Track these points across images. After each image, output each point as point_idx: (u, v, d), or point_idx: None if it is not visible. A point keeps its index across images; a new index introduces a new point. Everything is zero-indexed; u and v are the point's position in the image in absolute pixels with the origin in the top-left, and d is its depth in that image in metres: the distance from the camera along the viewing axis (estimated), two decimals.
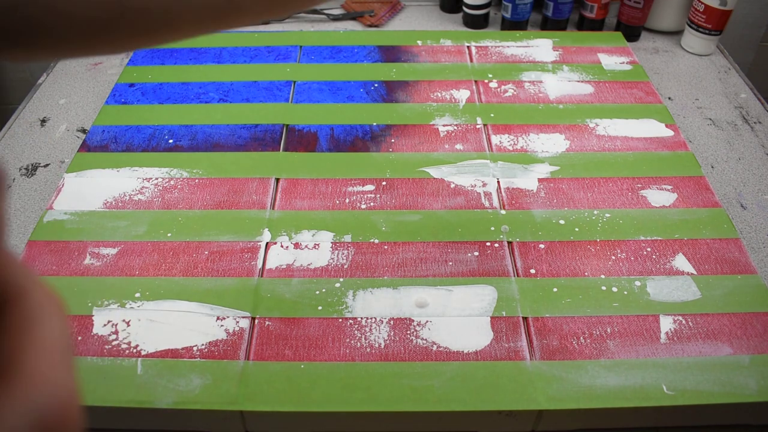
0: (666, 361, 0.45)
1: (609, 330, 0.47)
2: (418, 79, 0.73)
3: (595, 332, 0.47)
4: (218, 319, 0.48)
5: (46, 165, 0.67)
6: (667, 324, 0.47)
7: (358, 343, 0.46)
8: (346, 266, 0.52)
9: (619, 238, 0.54)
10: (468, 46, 0.79)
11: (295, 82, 0.72)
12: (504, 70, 0.74)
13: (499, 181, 0.60)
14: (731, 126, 0.73)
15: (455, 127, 0.66)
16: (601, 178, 0.60)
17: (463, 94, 0.71)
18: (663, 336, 0.47)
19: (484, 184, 0.59)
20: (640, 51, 0.86)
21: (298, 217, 0.56)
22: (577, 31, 0.86)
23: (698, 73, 0.82)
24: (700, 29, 0.82)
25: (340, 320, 0.48)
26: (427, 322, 0.48)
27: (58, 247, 0.53)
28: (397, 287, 0.50)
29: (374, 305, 0.49)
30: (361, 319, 0.48)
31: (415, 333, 0.47)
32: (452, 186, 0.59)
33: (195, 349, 0.46)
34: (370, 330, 0.47)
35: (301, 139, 0.64)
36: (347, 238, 0.54)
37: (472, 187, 0.59)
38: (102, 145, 0.64)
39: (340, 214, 0.56)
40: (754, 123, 0.73)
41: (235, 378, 0.44)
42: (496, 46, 0.79)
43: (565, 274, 0.51)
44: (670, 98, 0.77)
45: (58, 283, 0.50)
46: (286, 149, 0.63)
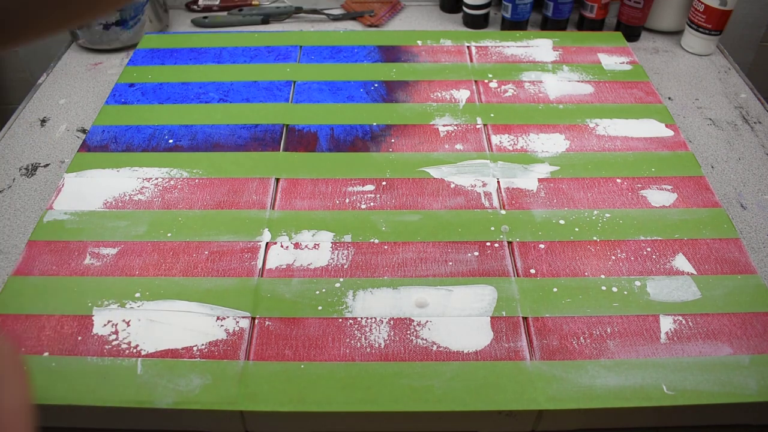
0: (666, 361, 0.45)
1: (609, 330, 0.47)
2: (418, 79, 0.73)
3: (595, 332, 0.47)
4: (218, 319, 0.48)
5: (46, 165, 0.67)
6: (667, 324, 0.47)
7: (358, 343, 0.46)
8: (346, 266, 0.52)
9: (619, 238, 0.54)
10: (468, 46, 0.79)
11: (295, 82, 0.72)
12: (504, 70, 0.74)
13: (499, 181, 0.60)
14: (731, 126, 0.73)
15: (455, 127, 0.66)
16: (601, 178, 0.60)
17: (463, 94, 0.71)
18: (663, 336, 0.47)
19: (484, 184, 0.59)
20: (640, 51, 0.86)
21: (298, 217, 0.56)
22: (577, 31, 0.86)
23: (698, 73, 0.82)
24: (700, 29, 0.82)
25: (340, 320, 0.48)
26: (427, 322, 0.48)
27: (58, 247, 0.53)
28: (397, 287, 0.50)
29: (374, 305, 0.49)
30: (361, 319, 0.48)
31: (415, 333, 0.47)
32: (452, 186, 0.59)
33: (195, 349, 0.46)
34: (370, 330, 0.47)
35: (301, 139, 0.64)
36: (347, 238, 0.54)
37: (472, 187, 0.59)
38: (102, 145, 0.64)
39: (340, 214, 0.56)
40: (754, 123, 0.73)
41: (235, 378, 0.44)
42: (496, 46, 0.79)
43: (565, 274, 0.51)
44: (670, 98, 0.77)
45: (58, 283, 0.50)
46: (286, 149, 0.63)
